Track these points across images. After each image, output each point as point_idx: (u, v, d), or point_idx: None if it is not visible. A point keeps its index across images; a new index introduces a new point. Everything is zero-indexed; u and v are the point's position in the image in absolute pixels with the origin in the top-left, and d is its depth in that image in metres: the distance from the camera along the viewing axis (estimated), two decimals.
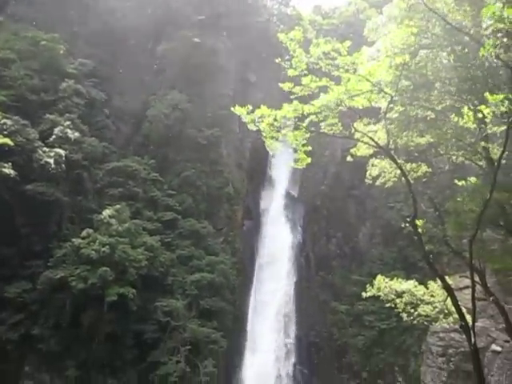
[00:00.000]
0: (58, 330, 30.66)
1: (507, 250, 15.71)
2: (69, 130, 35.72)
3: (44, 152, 33.20)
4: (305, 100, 10.54)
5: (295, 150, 11.09)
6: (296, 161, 11.09)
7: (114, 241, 32.33)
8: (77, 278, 30.69)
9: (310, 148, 10.81)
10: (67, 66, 40.50)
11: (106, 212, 33.94)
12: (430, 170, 15.70)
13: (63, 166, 34.16)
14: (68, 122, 36.34)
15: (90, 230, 32.91)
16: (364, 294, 17.14)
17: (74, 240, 32.34)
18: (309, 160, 10.90)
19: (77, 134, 36.18)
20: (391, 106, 11.83)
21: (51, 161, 33.03)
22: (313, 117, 10.45)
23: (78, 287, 30.28)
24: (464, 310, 13.35)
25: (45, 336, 30.31)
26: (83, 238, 32.44)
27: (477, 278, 13.96)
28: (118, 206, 35.01)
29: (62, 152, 34.18)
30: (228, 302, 36.63)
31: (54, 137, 35.04)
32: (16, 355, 30.36)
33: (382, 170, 15.51)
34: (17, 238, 32.10)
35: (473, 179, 14.46)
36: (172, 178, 42.01)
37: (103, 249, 31.53)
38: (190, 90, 45.46)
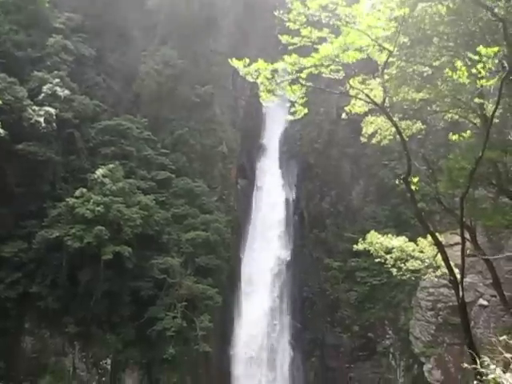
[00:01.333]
0: (55, 288, 31.20)
1: (498, 208, 15.92)
2: (58, 88, 34.95)
3: (34, 111, 32.61)
4: (301, 56, 10.31)
5: (291, 104, 10.92)
6: (293, 113, 10.92)
7: (108, 200, 32.38)
8: (72, 237, 30.93)
9: (306, 99, 10.63)
10: (54, 21, 39.15)
11: (100, 171, 33.78)
12: (425, 127, 15.64)
13: (54, 124, 33.67)
14: (57, 80, 35.51)
15: (84, 190, 32.87)
16: (355, 247, 17.51)
17: (68, 199, 32.35)
18: (306, 111, 10.72)
19: (67, 92, 35.44)
20: (390, 60, 11.60)
21: (41, 120, 32.51)
22: (312, 69, 10.21)
23: (73, 246, 30.57)
24: (453, 266, 13.65)
25: (43, 294, 30.87)
26: (77, 198, 32.44)
27: (467, 235, 14.21)
28: (111, 166, 34.82)
29: (53, 110, 33.60)
30: (223, 259, 37.22)
31: (43, 95, 34.32)
32: (16, 313, 31.03)
33: (377, 128, 15.44)
34: (11, 198, 32.06)
35: (468, 133, 14.42)
36: (165, 137, 41.62)
37: (98, 208, 31.62)
38: (182, 46, 44.27)
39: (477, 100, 12.37)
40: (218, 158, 42.83)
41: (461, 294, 12.39)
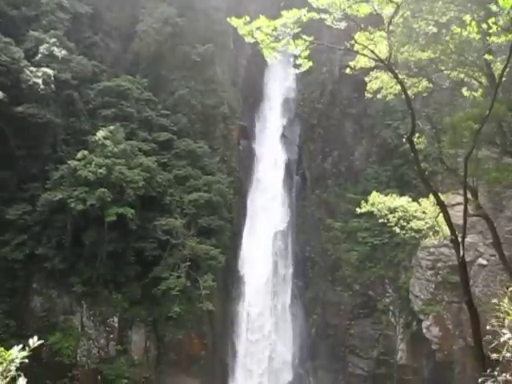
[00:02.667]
0: (61, 249, 31.68)
1: (501, 168, 15.86)
2: (55, 48, 34.20)
3: (31, 72, 32.04)
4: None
5: (295, 58, 10.63)
6: (297, 66, 10.65)
7: (110, 162, 32.34)
8: (75, 199, 31.10)
9: (309, 52, 10.35)
10: None
11: (100, 133, 33.56)
12: (430, 86, 15.36)
13: (52, 86, 33.16)
14: (53, 39, 34.69)
15: (86, 152, 32.77)
16: (358, 210, 17.54)
17: (69, 162, 32.32)
18: (310, 63, 10.46)
19: (64, 52, 34.70)
20: (396, 14, 11.23)
21: (39, 81, 32.00)
22: (314, 14, 9.89)
23: (77, 208, 30.79)
24: (454, 226, 13.73)
25: (49, 255, 31.38)
26: (79, 160, 32.39)
27: (469, 196, 14.23)
28: (111, 127, 34.55)
29: (50, 72, 33.00)
30: (225, 220, 37.53)
31: (40, 55, 33.62)
32: (23, 273, 31.66)
33: (382, 85, 15.17)
34: (12, 161, 32.07)
35: (474, 92, 14.20)
36: (166, 98, 41.06)
37: (100, 170, 31.63)
38: (181, 4, 42.96)
39: (486, 57, 12.07)
40: (220, 118, 42.40)
41: (461, 253, 12.52)
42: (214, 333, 36.26)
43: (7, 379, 3.84)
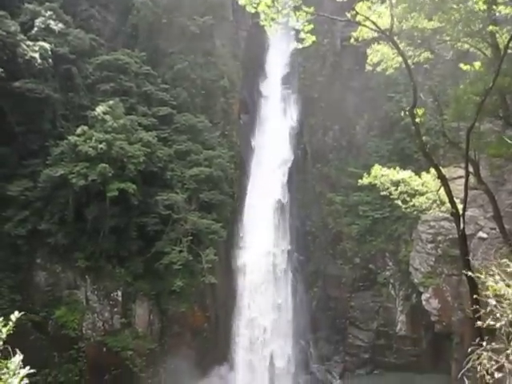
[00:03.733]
0: (63, 224, 31.84)
1: (503, 141, 15.78)
2: (51, 21, 33.60)
3: (28, 46, 31.54)
4: None
5: (297, 32, 10.45)
6: (300, 40, 10.48)
7: (110, 137, 32.18)
8: (76, 175, 31.09)
9: (312, 26, 10.16)
10: None
11: (100, 108, 33.29)
12: (433, 57, 15.13)
13: (50, 60, 32.71)
14: (50, 12, 34.03)
15: (85, 127, 32.58)
16: (360, 182, 17.56)
17: (69, 138, 32.16)
18: (313, 38, 10.29)
19: (61, 26, 34.09)
20: None
21: (37, 55, 31.54)
22: None
23: (78, 184, 30.81)
24: (455, 199, 13.76)
25: (52, 231, 31.57)
26: (79, 136, 32.23)
27: (470, 169, 14.20)
28: (111, 102, 34.24)
29: (47, 46, 32.50)
30: (226, 194, 37.60)
31: (36, 29, 33.06)
32: (27, 249, 31.90)
33: (383, 57, 14.95)
34: (12, 137, 31.91)
35: (477, 64, 13.97)
36: (165, 71, 40.56)
37: (100, 145, 31.51)
38: None
39: (491, 28, 11.86)
40: (220, 92, 41.96)
41: (461, 226, 12.60)
42: (216, 305, 36.82)
43: None
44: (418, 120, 12.89)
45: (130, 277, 33.33)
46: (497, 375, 6.55)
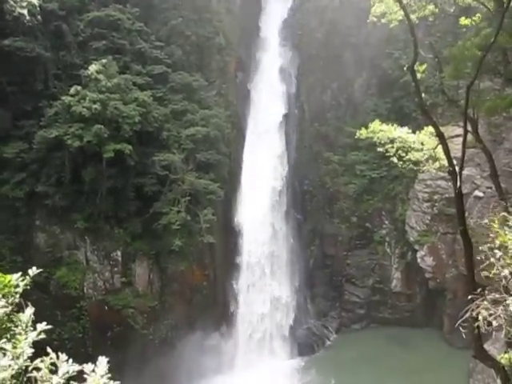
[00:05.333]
0: (60, 186, 31.81)
1: (502, 98, 15.58)
2: None
3: (15, 2, 30.43)
4: None
5: None
6: None
7: (104, 97, 31.64)
8: (72, 136, 30.77)
9: None
10: None
11: (93, 67, 32.53)
12: (437, 10, 14.71)
13: (39, 17, 31.67)
14: None
15: (79, 87, 31.96)
16: (358, 135, 17.54)
17: (63, 98, 31.58)
18: None
19: None
20: None
21: (25, 12, 30.47)
22: None
23: (74, 145, 30.55)
24: (452, 158, 13.72)
25: (49, 193, 31.56)
26: (72, 96, 31.65)
27: (469, 127, 14.09)
28: (104, 61, 33.42)
29: (35, 1, 31.36)
30: (223, 154, 37.41)
31: None
32: (25, 211, 32.01)
33: (387, 9, 14.54)
34: (4, 98, 31.35)
35: (477, 17, 13.63)
36: (159, 28, 39.38)
37: (94, 106, 31.03)
38: None
39: None
40: (215, 50, 40.95)
41: (458, 184, 12.63)
42: (215, 264, 37.43)
43: (12, 306, 3.97)
44: (418, 76, 12.67)
45: (129, 237, 33.65)
46: (495, 323, 6.74)
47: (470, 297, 7.09)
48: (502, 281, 6.36)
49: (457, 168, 13.12)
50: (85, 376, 3.85)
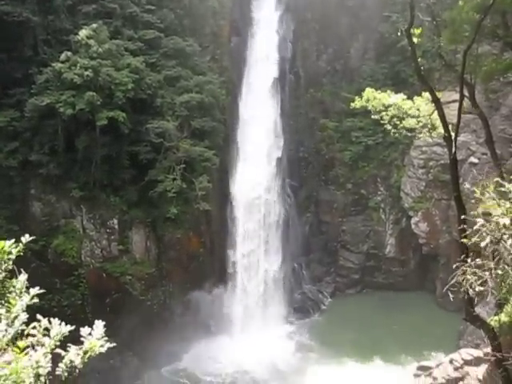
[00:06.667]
0: (54, 155, 31.58)
1: (500, 62, 15.38)
2: None
3: None
4: None
5: None
6: None
7: (96, 63, 31.01)
8: (64, 104, 30.31)
9: None
10: None
11: (83, 32, 31.70)
12: None
13: None
14: None
15: (69, 53, 31.24)
16: (352, 105, 17.31)
17: (53, 64, 30.93)
18: None
19: None
20: None
21: None
22: None
23: (66, 113, 30.14)
24: (448, 124, 13.64)
25: (43, 161, 31.35)
26: (63, 62, 30.99)
27: (465, 93, 13.93)
28: (94, 26, 32.55)
29: None
30: (218, 121, 37.05)
31: None
32: (20, 180, 31.90)
33: None
34: None
35: None
36: None
37: (86, 72, 30.44)
38: None
39: None
40: (209, 13, 39.91)
41: (453, 150, 12.59)
42: (211, 231, 37.69)
43: (5, 272, 4.01)
44: (414, 40, 12.42)
45: (125, 205, 33.70)
46: (479, 289, 6.90)
47: (456, 264, 7.21)
48: (486, 247, 6.45)
49: (452, 134, 13.06)
50: (82, 339, 3.94)
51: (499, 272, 6.55)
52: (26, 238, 4.28)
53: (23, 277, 4.10)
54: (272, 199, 40.28)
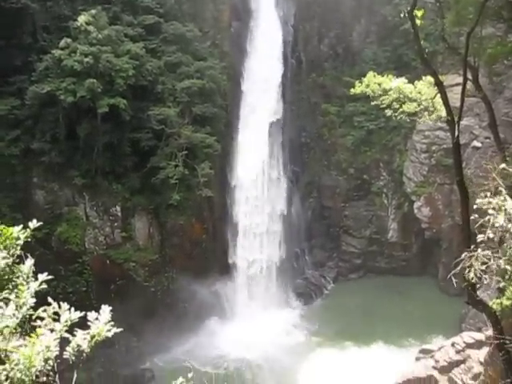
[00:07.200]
0: (56, 143, 31.55)
1: (504, 45, 15.19)
2: None
3: None
4: None
5: None
6: None
7: (95, 50, 30.79)
8: (64, 91, 30.18)
9: None
10: None
11: (82, 18, 31.41)
12: None
13: None
14: None
15: (69, 40, 31.00)
16: (353, 91, 17.14)
17: (53, 51, 30.72)
18: None
19: None
20: None
21: None
22: None
23: (67, 101, 30.02)
24: (451, 108, 13.52)
25: (45, 149, 31.33)
26: (63, 49, 30.77)
27: (469, 76, 13.80)
28: (93, 11, 32.25)
29: None
30: (220, 107, 36.87)
31: None
32: (22, 168, 31.92)
33: None
34: None
35: None
36: None
37: (86, 59, 30.24)
38: None
39: None
40: None
41: (456, 134, 12.52)
42: (213, 218, 37.78)
43: (13, 257, 4.06)
44: (417, 22, 12.26)
45: (128, 192, 33.76)
46: (484, 278, 6.93)
47: (464, 251, 7.21)
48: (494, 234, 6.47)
49: (455, 118, 12.97)
50: (89, 324, 3.99)
51: (505, 258, 6.58)
52: (33, 224, 4.31)
53: (30, 262, 4.14)
54: (274, 185, 40.26)
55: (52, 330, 3.76)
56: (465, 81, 12.93)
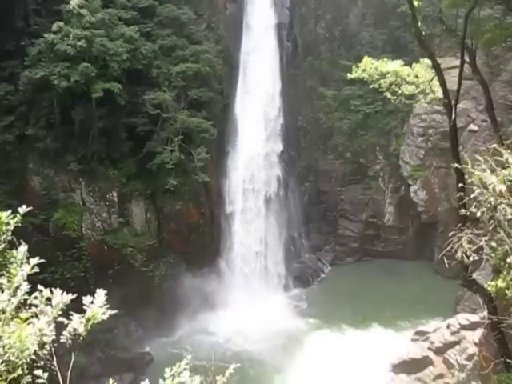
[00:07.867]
0: (51, 128, 31.29)
1: (502, 27, 15.08)
2: None
3: None
4: None
5: None
6: None
7: (89, 34, 30.35)
8: (58, 76, 29.81)
9: None
10: None
11: (74, 1, 30.85)
12: None
13: None
14: None
15: (61, 24, 30.50)
16: (349, 76, 17.06)
17: (46, 35, 30.25)
18: None
19: None
20: None
21: None
22: None
23: (61, 85, 29.67)
24: (448, 91, 13.48)
25: (40, 135, 31.09)
26: (55, 33, 30.28)
27: (466, 58, 13.73)
28: None
29: None
30: (216, 91, 36.60)
31: None
32: (17, 154, 31.69)
33: None
34: None
35: None
36: None
37: (79, 43, 29.83)
38: None
39: None
40: None
41: (453, 117, 12.51)
42: (210, 203, 37.80)
43: (4, 243, 4.05)
44: (415, 4, 12.16)
45: (124, 177, 33.66)
46: (473, 257, 7.00)
47: (452, 232, 7.27)
48: (482, 215, 6.49)
49: (452, 101, 12.93)
50: (84, 308, 4.02)
51: (495, 238, 6.62)
52: (23, 209, 4.29)
53: (23, 248, 4.13)
54: (271, 170, 40.21)
55: (45, 314, 3.78)
56: (462, 62, 12.88)
